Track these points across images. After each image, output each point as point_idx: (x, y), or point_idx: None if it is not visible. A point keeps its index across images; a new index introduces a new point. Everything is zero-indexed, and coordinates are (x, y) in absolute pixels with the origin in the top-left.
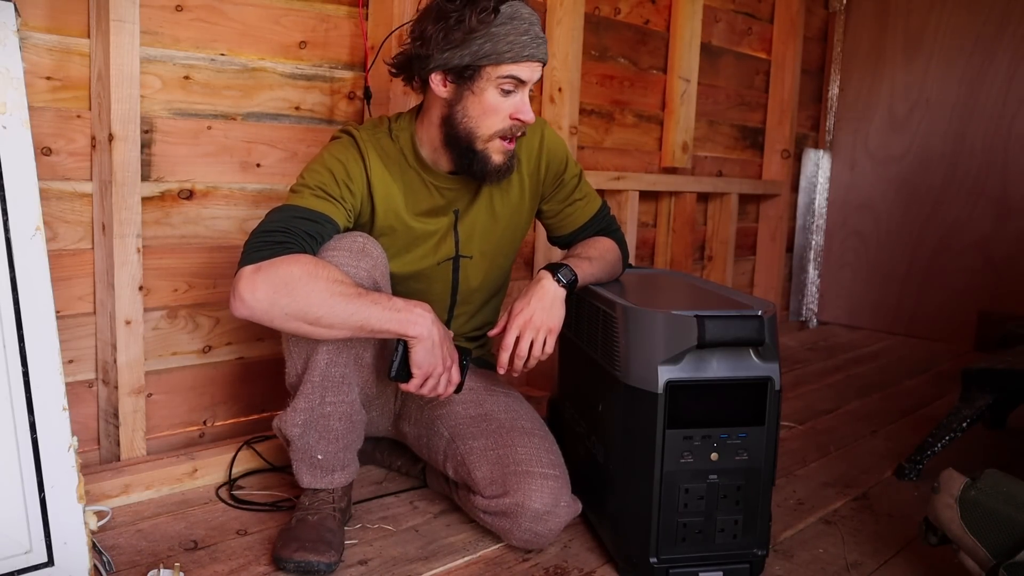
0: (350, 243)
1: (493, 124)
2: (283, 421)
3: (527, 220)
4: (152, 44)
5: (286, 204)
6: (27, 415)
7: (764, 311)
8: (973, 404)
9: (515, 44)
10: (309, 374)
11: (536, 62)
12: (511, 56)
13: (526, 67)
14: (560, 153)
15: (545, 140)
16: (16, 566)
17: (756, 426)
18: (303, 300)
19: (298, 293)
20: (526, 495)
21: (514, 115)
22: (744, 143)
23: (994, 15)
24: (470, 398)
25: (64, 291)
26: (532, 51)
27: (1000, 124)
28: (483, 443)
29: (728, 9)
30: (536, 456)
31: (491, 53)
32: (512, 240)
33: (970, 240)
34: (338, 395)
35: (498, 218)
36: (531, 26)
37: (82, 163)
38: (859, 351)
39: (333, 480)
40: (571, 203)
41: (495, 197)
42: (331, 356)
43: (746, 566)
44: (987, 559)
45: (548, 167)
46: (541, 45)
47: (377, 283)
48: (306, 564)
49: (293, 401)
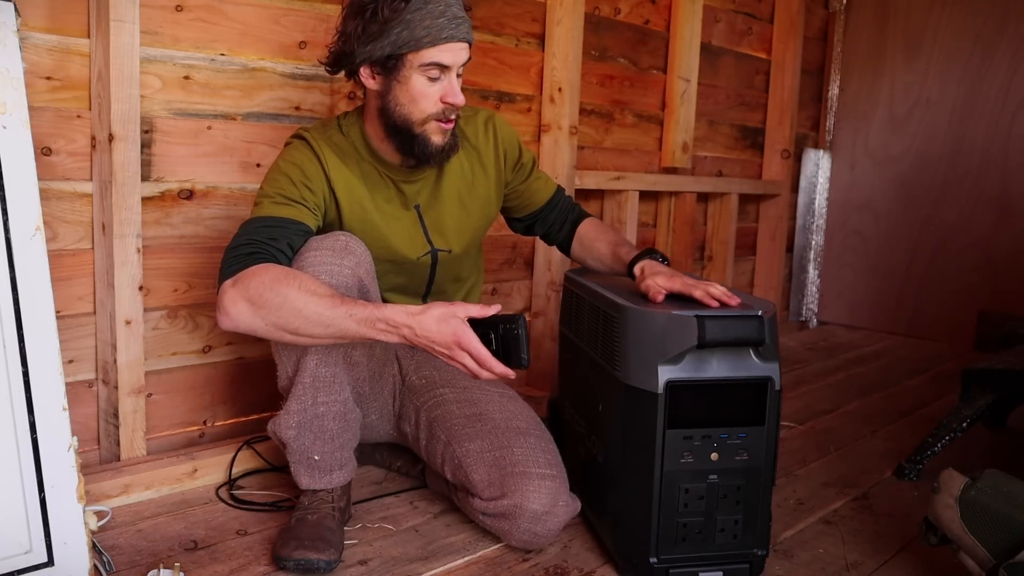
0: (332, 242)
1: (425, 108)
2: (277, 424)
3: (495, 209)
4: (152, 44)
5: (250, 218)
6: (27, 415)
7: (764, 311)
8: (973, 404)
9: (431, 28)
10: (300, 376)
11: (457, 42)
12: (429, 40)
13: (447, 50)
14: (513, 140)
15: (499, 130)
16: (16, 566)
17: (756, 426)
18: (281, 310)
19: (273, 303)
20: (524, 496)
21: (443, 99)
22: (744, 143)
23: (994, 15)
24: (464, 397)
25: (64, 291)
26: (450, 32)
27: (1000, 124)
28: (479, 445)
29: (728, 9)
30: (533, 456)
31: (409, 40)
32: (482, 231)
33: (970, 240)
34: (330, 395)
35: (470, 211)
36: (447, 7)
37: (82, 163)
38: (859, 351)
39: (331, 480)
40: (530, 185)
41: (463, 191)
42: (320, 356)
43: (746, 566)
44: (987, 559)
45: (507, 155)
46: (461, 25)
47: (362, 280)
48: (306, 562)
49: (286, 404)
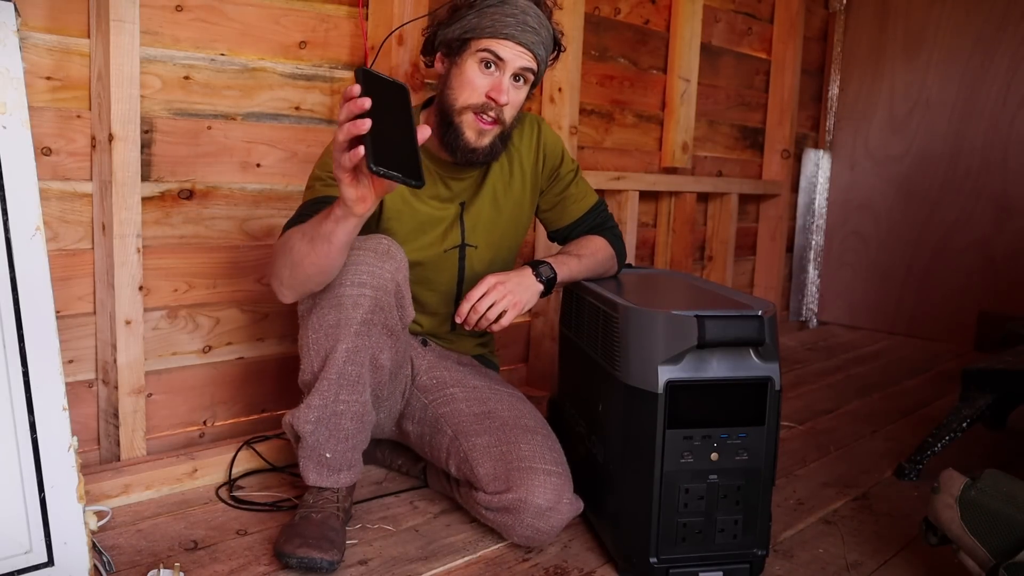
0: (375, 244)
1: (468, 97)
2: (296, 417)
3: (528, 214)
4: (152, 44)
5: (304, 201)
6: (27, 415)
7: (764, 311)
8: (973, 404)
9: (498, 22)
10: (326, 371)
11: (517, 44)
12: (491, 31)
13: (505, 46)
14: (556, 148)
15: (543, 135)
16: (16, 566)
17: (756, 426)
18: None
19: (281, 252)
20: (529, 491)
21: (489, 93)
22: (744, 143)
23: (994, 15)
24: (474, 396)
25: (64, 291)
26: (512, 31)
27: (1000, 124)
28: (486, 440)
29: (728, 9)
30: (539, 453)
31: (476, 27)
32: (515, 233)
33: (970, 240)
34: (352, 394)
35: (502, 210)
36: (522, 13)
37: (82, 163)
38: (859, 351)
39: (339, 479)
40: (566, 197)
41: (498, 190)
42: (349, 355)
43: (746, 566)
44: (987, 559)
45: (546, 161)
46: (526, 32)
47: (399, 286)
48: (309, 560)
49: (307, 398)
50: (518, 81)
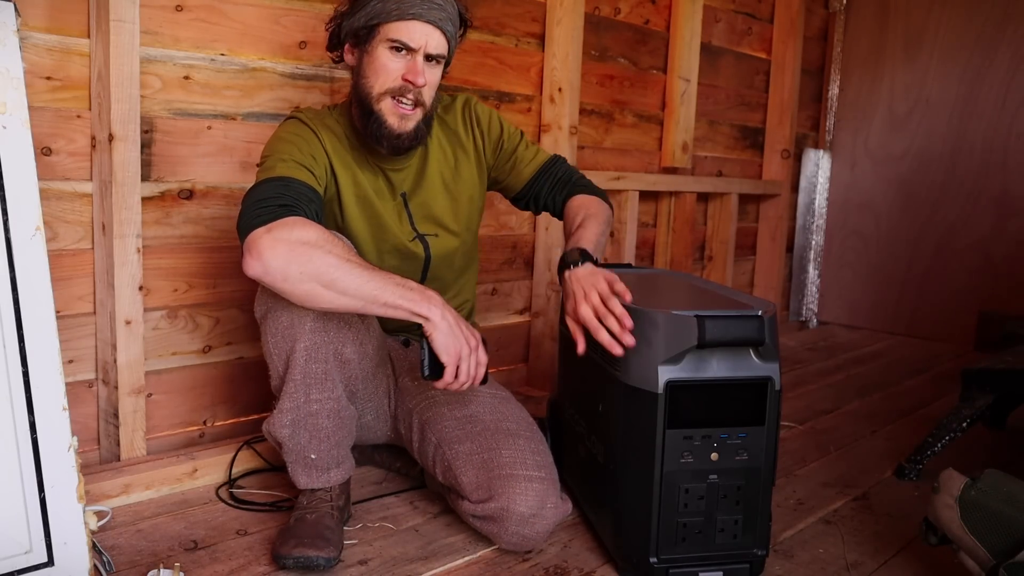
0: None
1: (384, 82)
2: (272, 424)
3: (482, 194)
4: (152, 44)
5: (266, 178)
6: (27, 415)
7: (764, 311)
8: (973, 404)
9: (403, 3)
10: (290, 373)
11: (424, 23)
12: (397, 13)
13: (413, 28)
14: (493, 120)
15: (476, 112)
16: (16, 566)
17: (756, 426)
18: (320, 261)
19: (314, 254)
20: (511, 499)
21: (406, 76)
22: (744, 143)
23: (994, 15)
24: (456, 399)
25: (64, 291)
26: (418, 10)
27: (1000, 124)
28: (468, 447)
29: (728, 9)
30: (520, 459)
31: (380, 12)
32: (473, 215)
33: (970, 240)
34: (323, 392)
35: (457, 196)
36: None
37: (82, 163)
38: (859, 351)
39: (329, 478)
40: (517, 161)
41: (447, 177)
42: (310, 352)
43: (746, 566)
44: (987, 559)
45: (486, 136)
46: (432, 9)
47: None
48: (305, 559)
49: (279, 403)
50: (431, 61)
